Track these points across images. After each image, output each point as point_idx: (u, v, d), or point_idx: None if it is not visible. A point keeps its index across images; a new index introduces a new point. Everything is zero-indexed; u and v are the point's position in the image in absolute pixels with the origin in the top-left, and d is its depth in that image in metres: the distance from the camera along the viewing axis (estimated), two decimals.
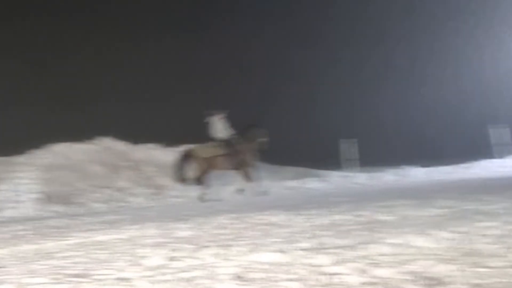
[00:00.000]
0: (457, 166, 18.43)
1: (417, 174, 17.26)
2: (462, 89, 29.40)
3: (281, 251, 4.28)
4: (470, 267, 3.37)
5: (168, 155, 19.82)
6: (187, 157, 16.36)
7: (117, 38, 30.08)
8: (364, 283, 3.17)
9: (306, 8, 32.31)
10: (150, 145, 20.44)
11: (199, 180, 16.16)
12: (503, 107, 27.01)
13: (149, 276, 3.72)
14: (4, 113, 24.82)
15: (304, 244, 4.59)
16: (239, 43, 31.22)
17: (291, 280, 3.34)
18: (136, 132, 21.91)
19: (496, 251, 3.78)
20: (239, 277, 3.50)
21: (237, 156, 16.31)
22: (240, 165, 16.45)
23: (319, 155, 21.33)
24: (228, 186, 16.92)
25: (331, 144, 23.11)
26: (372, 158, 21.34)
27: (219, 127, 16.56)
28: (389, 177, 17.02)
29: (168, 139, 20.91)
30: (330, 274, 3.40)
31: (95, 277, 3.88)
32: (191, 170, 16.30)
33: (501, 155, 21.90)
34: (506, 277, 3.09)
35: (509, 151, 22.54)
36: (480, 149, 22.03)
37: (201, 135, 17.16)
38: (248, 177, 16.59)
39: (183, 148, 20.52)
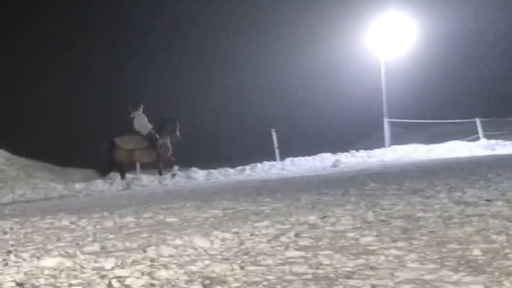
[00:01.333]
0: (241, 168, 19.09)
1: (201, 176, 17.61)
2: (245, 96, 30.73)
3: (66, 256, 4.31)
4: (243, 265, 3.68)
5: None
6: (111, 148, 16.26)
7: None
8: (146, 285, 3.35)
9: None
10: None
11: (120, 171, 16.35)
12: (286, 112, 28.67)
13: None
14: None
15: (89, 248, 4.66)
16: None
17: (75, 285, 3.42)
18: None
19: (266, 250, 4.14)
20: (21, 284, 3.50)
21: (158, 149, 16.49)
22: (159, 158, 16.68)
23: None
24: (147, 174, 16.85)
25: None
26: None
27: (142, 120, 16.53)
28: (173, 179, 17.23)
29: None
30: (114, 277, 3.52)
31: None
32: (114, 161, 16.37)
33: (282, 157, 23.13)
34: (275, 274, 3.43)
35: (290, 153, 23.89)
36: (263, 152, 23.10)
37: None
38: (166, 169, 16.84)
39: None
